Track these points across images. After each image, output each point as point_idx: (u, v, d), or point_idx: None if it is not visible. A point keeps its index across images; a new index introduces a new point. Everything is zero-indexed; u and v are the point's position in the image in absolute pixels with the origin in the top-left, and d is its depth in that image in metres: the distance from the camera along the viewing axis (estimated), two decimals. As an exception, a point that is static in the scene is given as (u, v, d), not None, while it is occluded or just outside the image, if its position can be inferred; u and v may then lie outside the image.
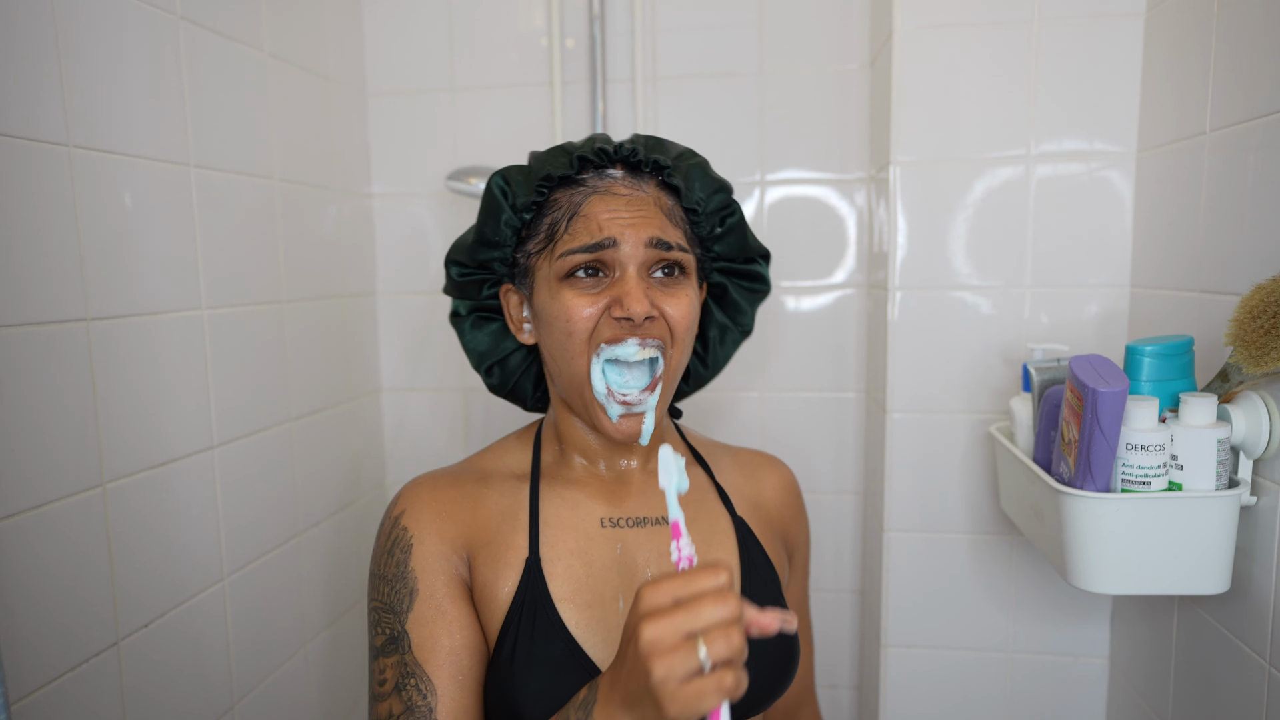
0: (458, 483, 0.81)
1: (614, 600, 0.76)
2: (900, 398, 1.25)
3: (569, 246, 0.75)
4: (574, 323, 0.74)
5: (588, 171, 0.78)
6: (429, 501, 0.78)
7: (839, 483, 1.50)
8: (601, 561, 0.77)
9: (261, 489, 1.20)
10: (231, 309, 1.13)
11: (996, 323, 1.22)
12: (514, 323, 0.84)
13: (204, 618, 1.08)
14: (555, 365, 0.79)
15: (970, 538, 1.27)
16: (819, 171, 1.44)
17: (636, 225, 0.74)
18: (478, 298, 0.85)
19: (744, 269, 0.88)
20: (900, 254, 1.23)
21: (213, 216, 1.10)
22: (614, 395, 0.75)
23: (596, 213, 0.75)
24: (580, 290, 0.75)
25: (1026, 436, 1.07)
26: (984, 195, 1.20)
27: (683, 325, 0.77)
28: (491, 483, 0.82)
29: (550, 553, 0.76)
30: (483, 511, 0.79)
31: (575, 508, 0.80)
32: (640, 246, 0.74)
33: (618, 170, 0.79)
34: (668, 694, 0.51)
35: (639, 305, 0.72)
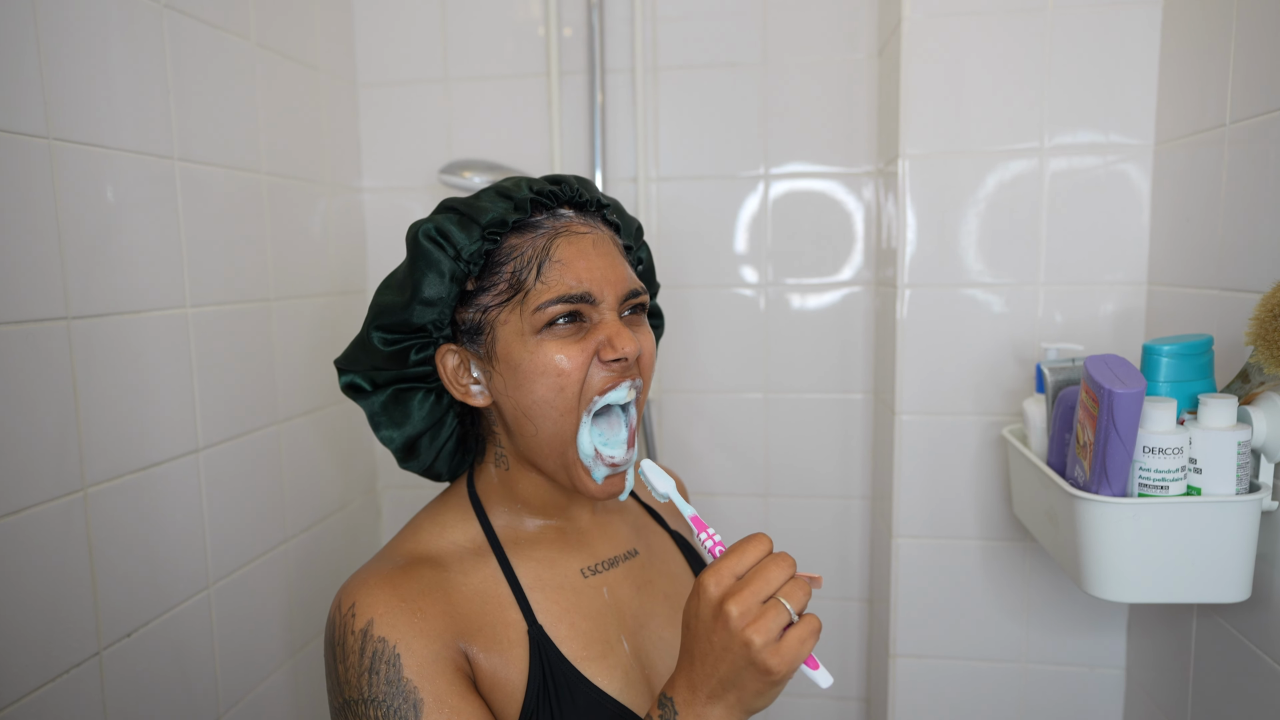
0: (413, 575, 0.73)
1: (618, 643, 0.77)
2: (909, 399, 1.25)
3: (547, 297, 0.72)
4: (566, 375, 0.72)
5: (539, 213, 0.76)
6: (396, 603, 0.70)
7: (846, 487, 1.50)
8: (596, 610, 0.78)
9: (248, 493, 1.20)
10: (217, 307, 1.13)
11: (1009, 321, 1.22)
12: (456, 386, 0.76)
13: (189, 626, 1.07)
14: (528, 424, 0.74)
15: (982, 544, 1.27)
16: (825, 165, 1.44)
17: (612, 278, 0.74)
18: (404, 366, 0.77)
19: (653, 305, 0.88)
20: (909, 250, 1.23)
21: (198, 211, 1.09)
22: (601, 458, 0.74)
23: (570, 259, 0.73)
24: (564, 339, 0.72)
25: (1040, 439, 1.07)
26: (996, 189, 1.20)
27: (650, 362, 0.78)
28: (449, 566, 0.75)
29: (549, 617, 0.75)
30: (456, 598, 0.73)
31: (553, 566, 0.78)
32: (618, 301, 0.75)
33: (567, 210, 0.77)
34: (771, 652, 0.58)
35: (632, 345, 0.72)
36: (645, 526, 0.90)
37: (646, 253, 0.87)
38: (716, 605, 0.60)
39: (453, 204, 0.77)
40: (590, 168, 1.48)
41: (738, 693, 0.61)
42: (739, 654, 0.59)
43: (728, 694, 0.61)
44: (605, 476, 0.75)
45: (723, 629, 0.60)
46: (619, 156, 1.49)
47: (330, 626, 0.71)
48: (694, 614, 0.62)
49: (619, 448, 0.75)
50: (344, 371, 0.79)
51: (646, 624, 0.81)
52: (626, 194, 1.49)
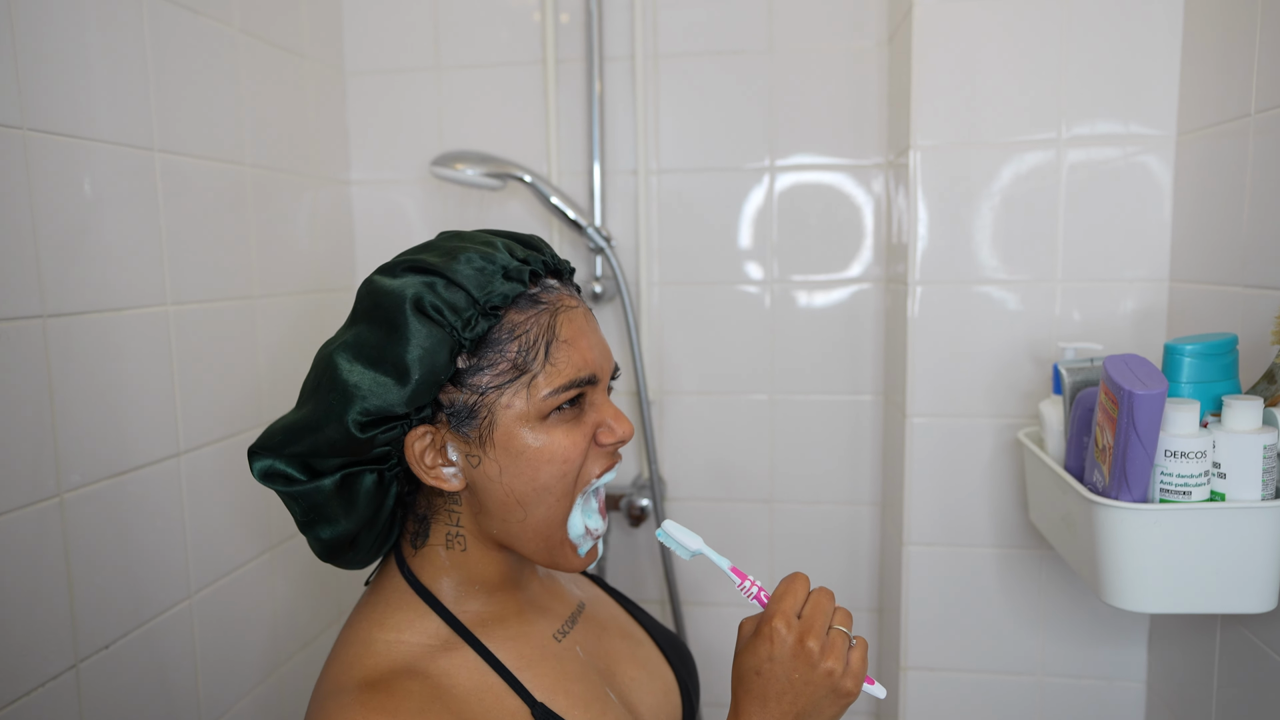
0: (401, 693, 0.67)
1: (608, 696, 0.78)
2: (921, 401, 1.25)
3: (559, 382, 0.70)
4: (570, 461, 0.71)
5: (534, 285, 0.73)
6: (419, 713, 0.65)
7: (854, 493, 1.50)
8: (579, 671, 0.78)
9: (232, 499, 1.19)
10: (199, 305, 1.13)
11: (1025, 320, 1.21)
12: (423, 470, 0.71)
13: (169, 638, 1.07)
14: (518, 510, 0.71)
15: (997, 552, 1.27)
16: (833, 157, 1.44)
17: (606, 355, 0.75)
18: (366, 450, 0.69)
19: None
20: (921, 245, 1.23)
21: (179, 205, 1.09)
22: (590, 534, 0.75)
23: (573, 338, 0.72)
24: (569, 424, 0.72)
25: (1057, 443, 1.07)
26: (1011, 182, 1.20)
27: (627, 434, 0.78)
28: (429, 671, 0.70)
29: (546, 694, 0.74)
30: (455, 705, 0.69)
31: (528, 640, 0.76)
32: (606, 379, 0.75)
33: (552, 279, 0.75)
34: (846, 676, 0.68)
35: (628, 426, 0.74)
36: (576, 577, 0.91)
37: None
38: (797, 644, 0.68)
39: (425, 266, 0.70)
40: (588, 159, 1.48)
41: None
42: (821, 684, 0.68)
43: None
44: (589, 549, 0.76)
45: (805, 664, 0.68)
46: (618, 148, 1.49)
47: None
48: (766, 657, 0.69)
49: (600, 518, 0.76)
50: (264, 456, 0.71)
51: (616, 669, 0.83)
52: (626, 187, 1.49)
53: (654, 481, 1.48)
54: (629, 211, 1.49)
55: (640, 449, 1.53)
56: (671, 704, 0.85)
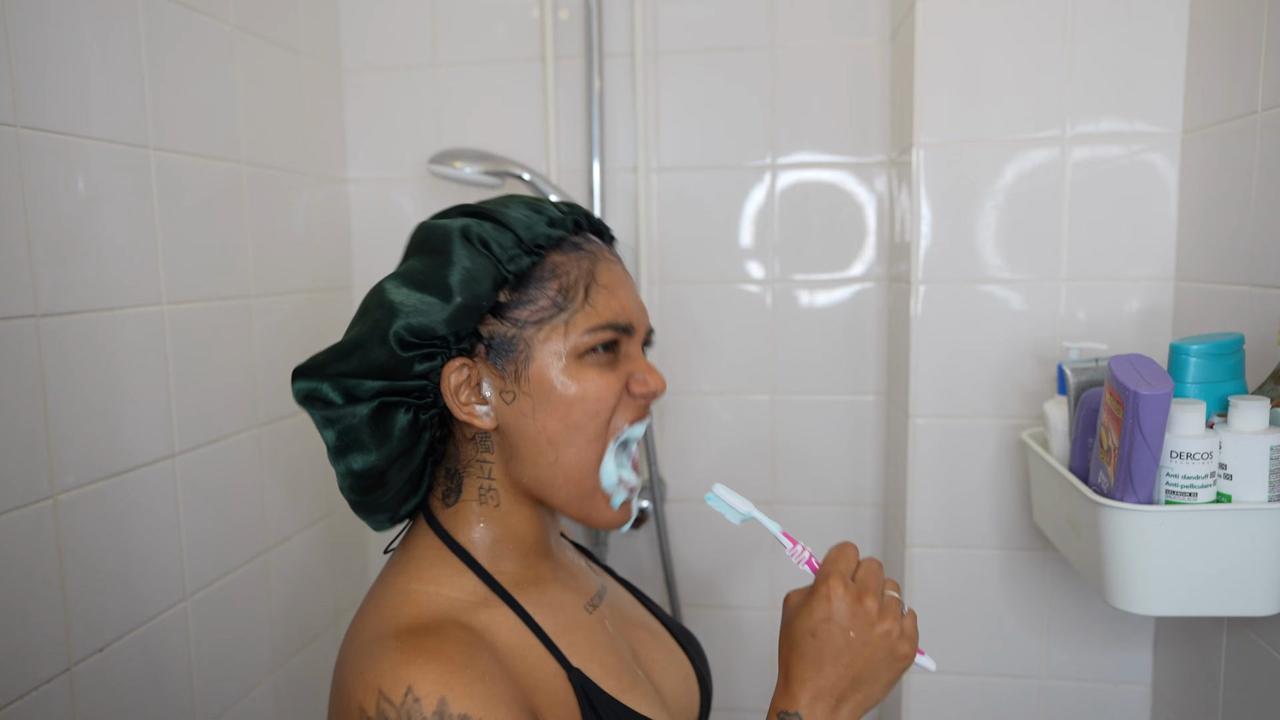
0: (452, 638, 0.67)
1: (637, 672, 0.79)
2: (924, 401, 1.25)
3: (597, 322, 0.73)
4: (602, 402, 0.73)
5: (577, 235, 0.77)
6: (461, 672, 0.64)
7: (857, 494, 1.50)
8: (609, 643, 0.79)
9: (227, 501, 1.19)
10: (194, 304, 1.13)
11: (1029, 319, 1.21)
12: (461, 405, 0.72)
13: (164, 641, 1.07)
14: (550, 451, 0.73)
15: (1000, 554, 1.27)
16: (835, 155, 1.44)
17: (642, 310, 0.79)
18: (404, 377, 0.71)
19: None
20: (924, 244, 1.23)
21: (174, 203, 1.09)
22: (624, 483, 0.76)
23: (613, 284, 0.75)
24: (603, 368, 0.74)
25: (1062, 443, 1.07)
26: (1015, 180, 1.20)
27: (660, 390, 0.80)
28: (470, 623, 0.70)
29: (581, 659, 0.75)
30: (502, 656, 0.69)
31: (564, 607, 0.78)
32: (643, 334, 0.78)
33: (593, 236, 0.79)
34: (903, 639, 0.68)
35: (662, 382, 0.76)
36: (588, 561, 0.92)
37: None
38: (855, 603, 0.68)
39: (477, 210, 0.75)
40: (587, 157, 1.48)
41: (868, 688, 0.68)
42: (880, 644, 0.68)
43: (857, 692, 0.68)
44: (622, 502, 0.77)
45: (863, 623, 0.67)
46: (618, 146, 1.49)
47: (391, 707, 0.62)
48: (824, 617, 0.68)
49: (633, 471, 0.78)
50: (307, 378, 0.72)
51: (640, 650, 0.84)
52: (626, 185, 1.49)
53: (654, 483, 1.48)
54: (629, 210, 1.49)
55: (640, 450, 1.53)
56: (691, 692, 0.85)
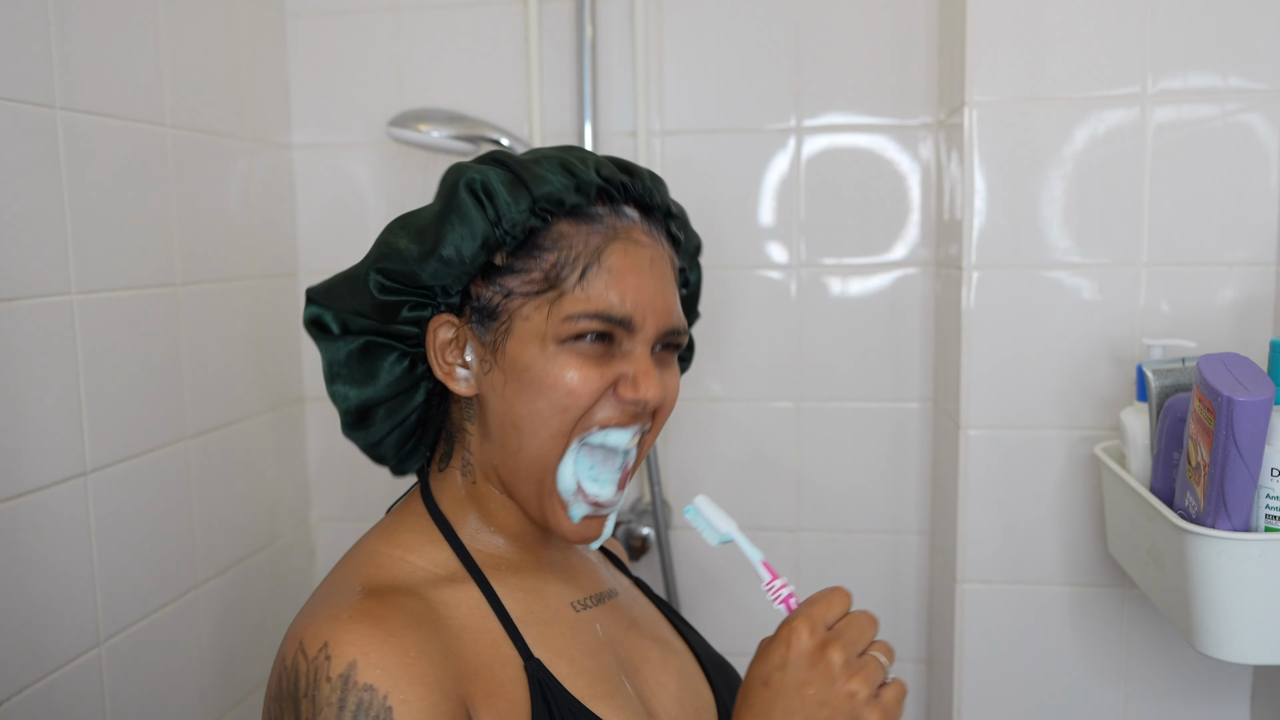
0: (395, 606, 0.73)
1: (622, 684, 0.81)
2: (978, 410, 1.25)
3: (584, 308, 0.76)
4: (574, 396, 0.76)
5: (602, 204, 0.80)
6: (383, 641, 0.69)
7: (898, 519, 1.50)
8: (594, 647, 0.82)
9: (149, 528, 1.19)
10: (110, 294, 1.13)
11: (1103, 312, 1.21)
12: (440, 363, 0.80)
13: (74, 694, 1.07)
14: (513, 437, 0.78)
15: (1069, 591, 1.27)
16: (872, 116, 1.44)
17: (659, 307, 0.79)
18: (390, 320, 0.80)
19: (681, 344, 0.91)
20: (978, 222, 1.23)
21: (86, 174, 1.09)
22: (584, 495, 0.78)
23: (622, 271, 0.77)
24: (586, 360, 0.76)
25: (1142, 459, 1.07)
26: (1087, 146, 1.20)
27: (669, 408, 0.82)
28: (427, 595, 0.76)
29: (546, 652, 0.78)
30: (447, 635, 0.74)
31: (542, 598, 0.82)
32: (656, 335, 0.79)
33: (633, 210, 0.82)
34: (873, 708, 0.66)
35: (655, 391, 0.77)
36: (610, 569, 0.96)
37: (698, 275, 0.92)
38: (815, 652, 0.67)
39: (505, 159, 0.81)
40: (577, 118, 1.48)
41: None
42: (840, 707, 0.66)
43: None
44: (584, 517, 0.79)
45: (822, 679, 0.66)
46: (613, 105, 1.49)
47: (288, 676, 0.70)
48: (779, 665, 0.68)
49: (607, 486, 0.79)
50: (314, 304, 0.83)
51: (642, 667, 0.85)
52: (624, 151, 1.49)
53: (657, 506, 1.48)
54: (627, 181, 1.49)
55: (641, 468, 1.53)
56: None
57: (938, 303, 1.43)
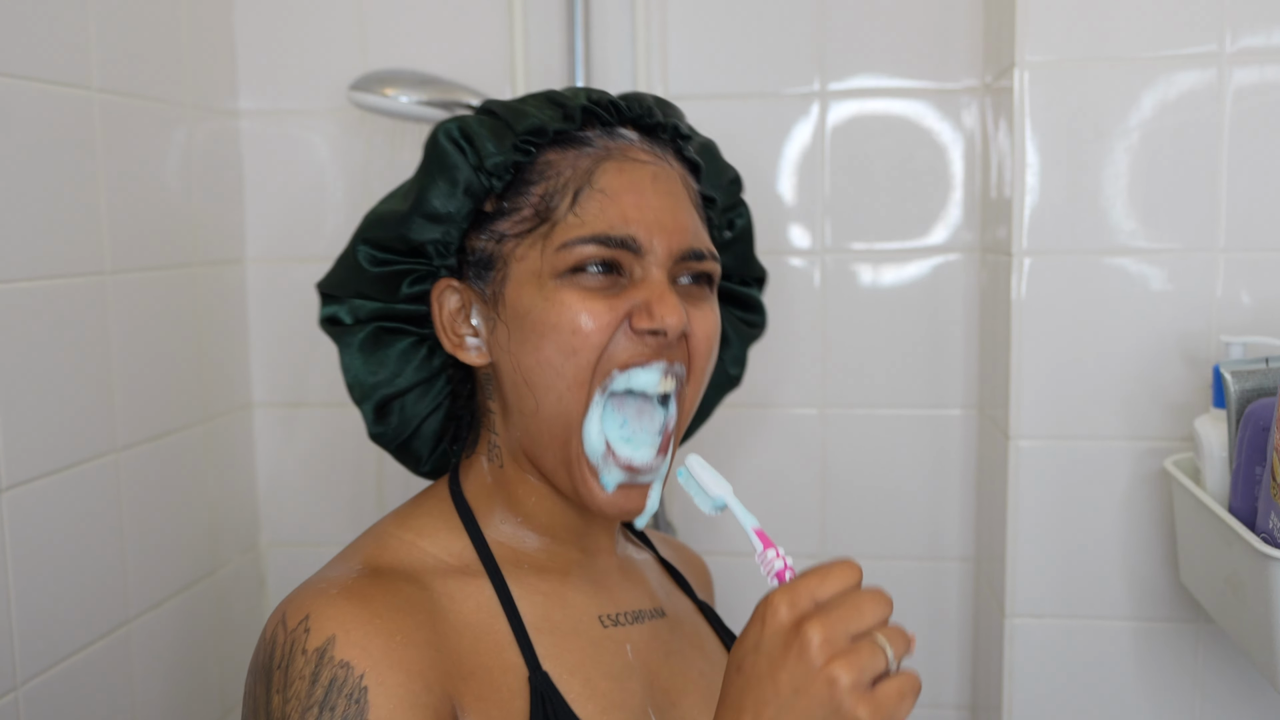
0: (389, 588, 0.76)
1: (644, 713, 0.82)
2: (1030, 417, 1.25)
3: (578, 233, 0.78)
4: (581, 335, 0.77)
5: (592, 128, 0.83)
6: (368, 620, 0.73)
7: (939, 544, 1.50)
8: (618, 670, 0.82)
9: (73, 554, 1.19)
10: (28, 284, 1.12)
11: (1174, 305, 1.21)
12: (449, 335, 0.85)
13: (-15, 747, 1.06)
14: (529, 396, 0.80)
15: (1135, 625, 1.27)
16: (908, 78, 1.44)
17: (668, 225, 0.80)
18: (391, 297, 0.86)
19: (742, 293, 0.94)
20: (1030, 201, 1.23)
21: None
22: (615, 457, 0.79)
23: (617, 190, 0.79)
24: (590, 292, 0.78)
25: (1219, 474, 1.07)
26: (1155, 113, 1.19)
27: (706, 350, 0.83)
28: (431, 585, 0.79)
29: (557, 666, 0.79)
30: (443, 628, 0.77)
31: (564, 605, 0.84)
32: (671, 257, 0.80)
33: (630, 132, 0.84)
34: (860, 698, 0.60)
35: (676, 315, 0.77)
36: (670, 589, 0.97)
37: (745, 218, 0.93)
38: (790, 630, 0.62)
39: (492, 105, 0.85)
40: (568, 81, 1.47)
41: None
42: (818, 695, 0.60)
43: None
44: (619, 485, 0.79)
45: (797, 661, 0.61)
46: (609, 65, 1.48)
47: (265, 649, 0.74)
48: (753, 646, 0.63)
49: (644, 448, 0.80)
50: (328, 299, 0.89)
51: (679, 701, 0.86)
52: (621, 120, 1.48)
53: (661, 528, 1.47)
54: (625, 154, 1.49)
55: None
56: None
57: (983, 294, 1.43)
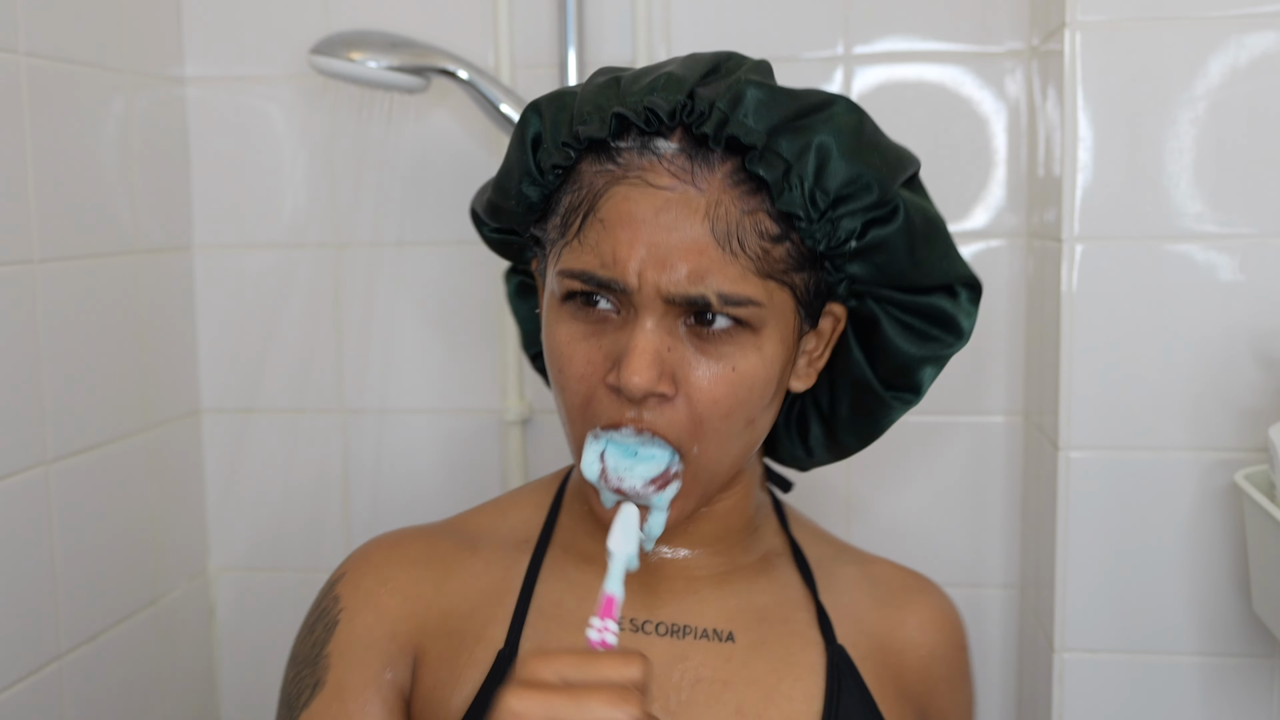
0: (431, 544, 0.96)
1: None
2: (1083, 425, 1.25)
3: (570, 264, 0.84)
4: (567, 376, 0.85)
5: (628, 137, 0.84)
6: (379, 566, 0.94)
7: (979, 569, 1.50)
8: None
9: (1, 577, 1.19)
10: (-55, 274, 1.12)
11: (1247, 297, 1.21)
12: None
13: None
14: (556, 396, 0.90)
15: (1203, 661, 1.27)
16: (943, 41, 1.44)
17: (658, 263, 0.80)
18: (518, 259, 1.03)
19: (910, 301, 0.90)
20: (1083, 180, 1.23)
21: (-87, 116, 1.09)
22: (608, 479, 0.83)
23: (614, 221, 0.82)
24: (580, 329, 0.84)
25: (1298, 490, 1.07)
26: (1224, 80, 1.19)
27: (714, 408, 0.83)
28: (479, 549, 0.96)
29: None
30: (451, 587, 0.93)
31: (585, 597, 0.89)
32: (656, 300, 0.81)
33: (673, 140, 0.83)
34: None
35: (641, 375, 0.79)
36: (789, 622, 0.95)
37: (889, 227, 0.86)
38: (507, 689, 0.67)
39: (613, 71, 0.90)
40: (559, 45, 1.47)
41: None
42: None
43: None
44: (613, 506, 0.85)
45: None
46: (606, 29, 1.48)
47: None
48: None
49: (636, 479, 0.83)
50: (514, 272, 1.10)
51: None
52: (618, 88, 1.48)
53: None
54: (623, 127, 1.49)
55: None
56: None
57: (1030, 285, 1.43)
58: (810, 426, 1.00)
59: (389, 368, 1.56)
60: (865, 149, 0.85)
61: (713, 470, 0.87)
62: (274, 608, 1.58)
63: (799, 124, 0.83)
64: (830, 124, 0.84)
